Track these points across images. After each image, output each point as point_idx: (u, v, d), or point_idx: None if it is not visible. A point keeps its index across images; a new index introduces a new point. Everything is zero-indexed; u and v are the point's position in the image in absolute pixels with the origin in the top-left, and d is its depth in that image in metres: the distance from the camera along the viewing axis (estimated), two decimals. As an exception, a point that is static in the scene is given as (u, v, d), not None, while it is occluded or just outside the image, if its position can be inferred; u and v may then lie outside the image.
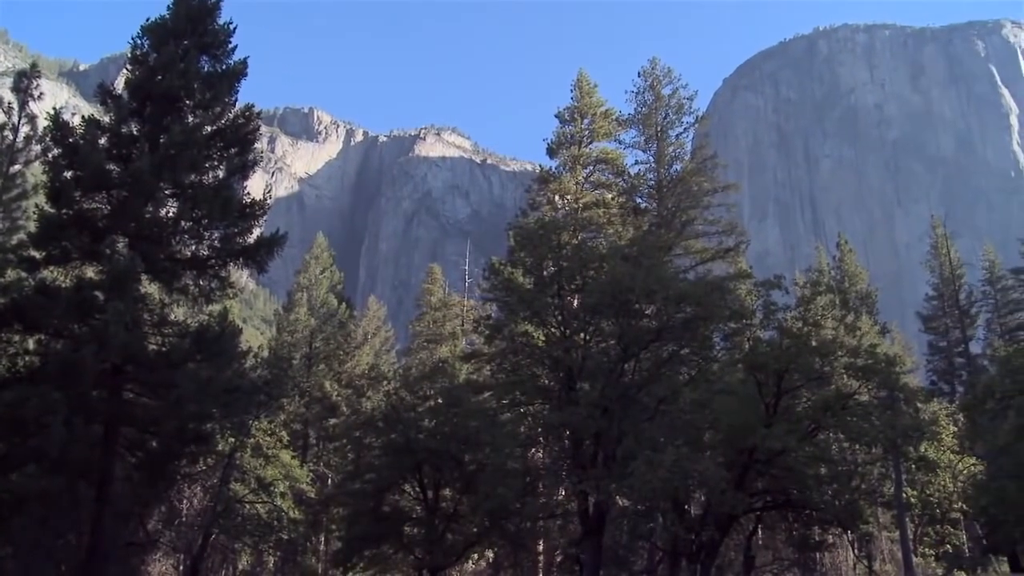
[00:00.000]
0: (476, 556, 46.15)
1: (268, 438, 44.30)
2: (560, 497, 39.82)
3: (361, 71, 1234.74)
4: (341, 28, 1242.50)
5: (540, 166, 56.60)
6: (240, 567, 48.81)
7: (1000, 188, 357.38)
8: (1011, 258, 79.79)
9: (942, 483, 48.58)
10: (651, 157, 55.00)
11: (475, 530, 38.87)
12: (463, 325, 66.08)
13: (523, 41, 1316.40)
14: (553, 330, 35.11)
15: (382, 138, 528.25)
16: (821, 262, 71.83)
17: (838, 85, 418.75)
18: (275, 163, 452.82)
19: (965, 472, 47.92)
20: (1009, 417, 30.64)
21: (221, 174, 29.65)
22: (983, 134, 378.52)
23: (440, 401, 40.76)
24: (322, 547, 53.93)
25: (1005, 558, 52.41)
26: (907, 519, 45.97)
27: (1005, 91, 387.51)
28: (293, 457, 47.15)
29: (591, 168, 53.52)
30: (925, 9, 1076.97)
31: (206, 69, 29.66)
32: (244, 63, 30.12)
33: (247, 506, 41.75)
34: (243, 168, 30.22)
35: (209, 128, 29.22)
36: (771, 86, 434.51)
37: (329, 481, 53.83)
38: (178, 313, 31.48)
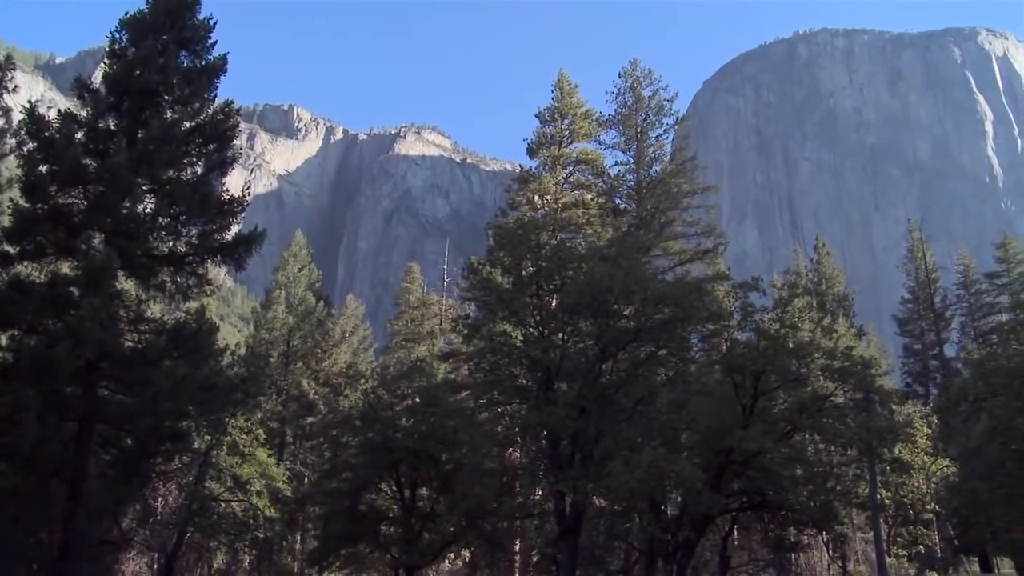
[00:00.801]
0: (453, 555, 46.12)
1: (244, 436, 44.07)
2: (537, 497, 39.84)
3: (342, 69, 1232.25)
4: (322, 25, 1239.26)
5: (520, 166, 56.75)
6: (215, 566, 48.51)
7: (975, 193, 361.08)
8: (985, 262, 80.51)
9: (916, 484, 48.99)
10: (631, 158, 55.13)
11: (452, 529, 38.83)
12: (441, 324, 66.04)
13: (505, 41, 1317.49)
14: (531, 330, 35.11)
15: (362, 136, 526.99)
16: (799, 264, 72.31)
17: (817, 89, 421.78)
18: (254, 160, 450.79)
19: (938, 473, 48.35)
20: (982, 419, 30.93)
21: (199, 170, 29.40)
22: (959, 140, 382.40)
23: (418, 400, 40.68)
24: (298, 546, 53.74)
25: (976, 558, 53.02)
26: (881, 520, 46.32)
27: (980, 97, 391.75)
28: (269, 455, 46.95)
29: (571, 168, 53.63)
30: (903, 15, 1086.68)
31: (185, 64, 29.40)
32: (224, 59, 29.89)
33: (223, 504, 41.52)
34: (222, 164, 29.99)
35: (188, 124, 28.94)
36: (751, 89, 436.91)
37: (306, 480, 53.62)
38: (155, 310, 31.20)
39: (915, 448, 48.36)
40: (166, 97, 28.65)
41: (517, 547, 46.08)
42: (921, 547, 51.15)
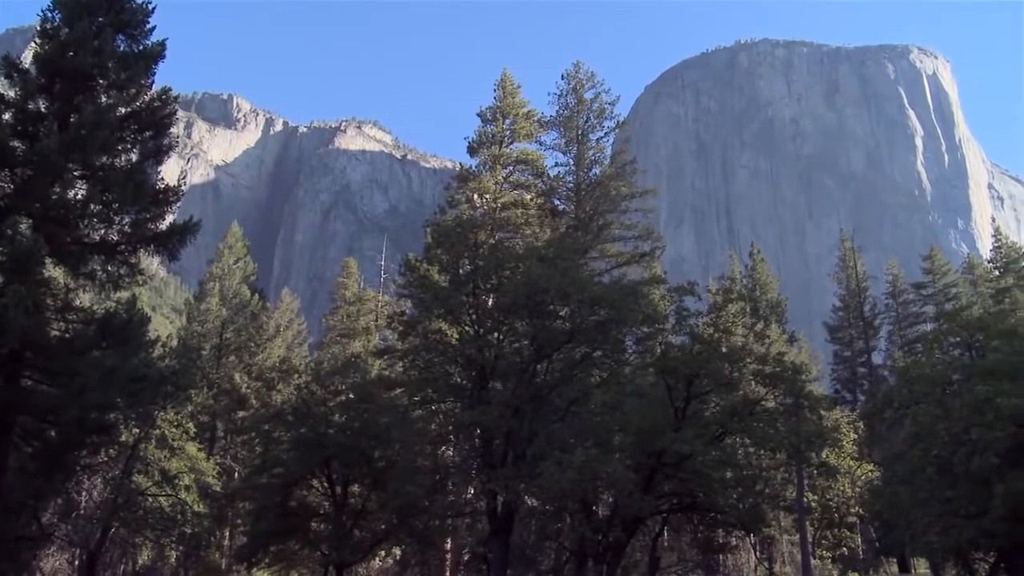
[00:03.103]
0: (383, 553, 45.88)
1: (174, 430, 43.24)
2: (469, 495, 39.80)
3: (283, 60, 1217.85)
4: (264, 15, 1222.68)
5: (460, 164, 56.53)
6: (140, 562, 47.55)
7: (904, 206, 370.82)
8: (912, 273, 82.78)
9: (841, 488, 50.02)
10: (571, 160, 55.39)
11: (383, 527, 38.68)
12: (377, 321, 65.67)
13: (448, 38, 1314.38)
14: (467, 328, 35.08)
15: (302, 129, 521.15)
16: (734, 270, 73.38)
17: (757, 98, 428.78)
18: (191, 149, 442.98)
19: (863, 478, 49.44)
20: (905, 426, 31.70)
21: (134, 157, 28.78)
22: (891, 153, 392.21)
23: (351, 396, 40.43)
24: (226, 542, 52.97)
25: (895, 559, 54.36)
26: (807, 522, 47.21)
27: (912, 113, 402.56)
28: (199, 449, 46.17)
29: (511, 168, 53.65)
30: (841, 29, 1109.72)
31: (122, 48, 28.73)
32: (162, 44, 29.27)
33: (150, 499, 40.65)
34: (157, 152, 29.41)
35: (123, 109, 28.31)
36: (692, 95, 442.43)
37: (236, 475, 52.87)
38: (84, 299, 30.52)
39: (841, 453, 49.38)
40: (101, 81, 27.97)
41: (448, 546, 46.00)
42: (844, 549, 52.34)
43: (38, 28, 27.92)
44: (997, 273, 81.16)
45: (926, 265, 76.84)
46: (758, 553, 50.22)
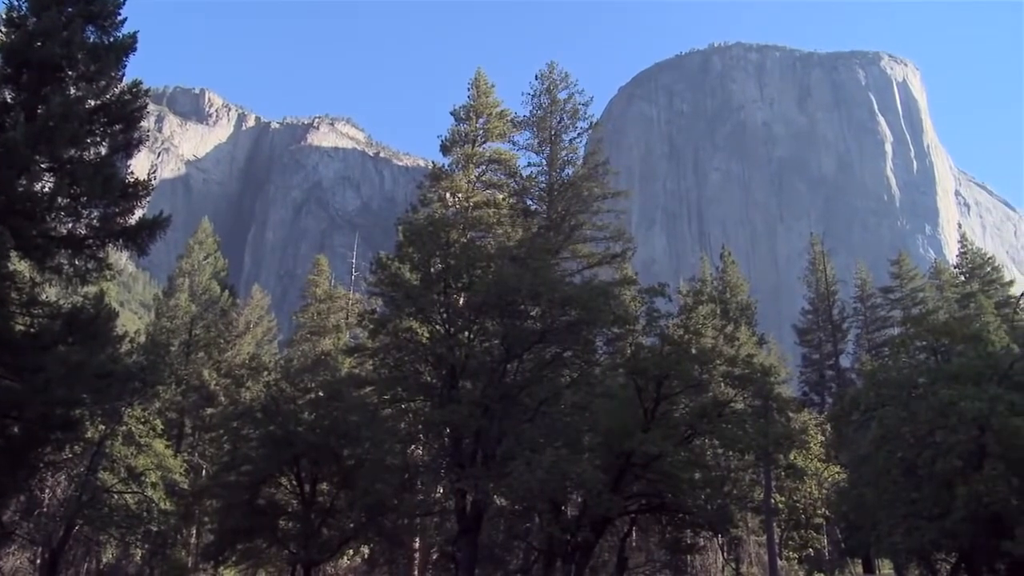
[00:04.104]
0: (352, 552, 45.70)
1: (141, 426, 42.80)
2: (438, 495, 39.76)
3: (256, 55, 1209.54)
4: (238, 9, 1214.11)
5: (433, 163, 56.48)
6: (104, 560, 46.99)
7: (874, 210, 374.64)
8: (881, 277, 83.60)
9: (808, 490, 50.46)
10: (544, 160, 55.54)
11: (351, 526, 38.48)
12: (348, 318, 65.42)
13: (423, 37, 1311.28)
14: (438, 327, 35.02)
15: (274, 124, 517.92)
16: (705, 272, 73.79)
17: (729, 101, 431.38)
18: (162, 143, 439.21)
19: (830, 480, 49.89)
20: (872, 428, 31.97)
21: (103, 151, 28.39)
22: (861, 158, 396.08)
23: (321, 394, 40.22)
24: (193, 540, 52.56)
25: (860, 560, 54.91)
26: (774, 524, 47.56)
27: (882, 119, 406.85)
28: (167, 446, 45.77)
29: (484, 167, 53.67)
30: (813, 34, 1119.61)
31: (92, 40, 28.35)
32: (134, 37, 28.92)
33: (115, 496, 40.20)
34: (127, 146, 29.03)
35: (93, 102, 27.95)
36: (665, 97, 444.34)
37: (204, 472, 52.46)
38: (50, 293, 30.19)
39: (809, 455, 49.80)
40: (70, 73, 27.58)
41: (417, 545, 45.95)
42: (811, 550, 52.79)
43: (3, 16, 27.48)
44: (963, 279, 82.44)
45: (894, 270, 77.74)
46: (725, 554, 50.49)
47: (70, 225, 28.12)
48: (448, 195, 52.05)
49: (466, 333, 34.78)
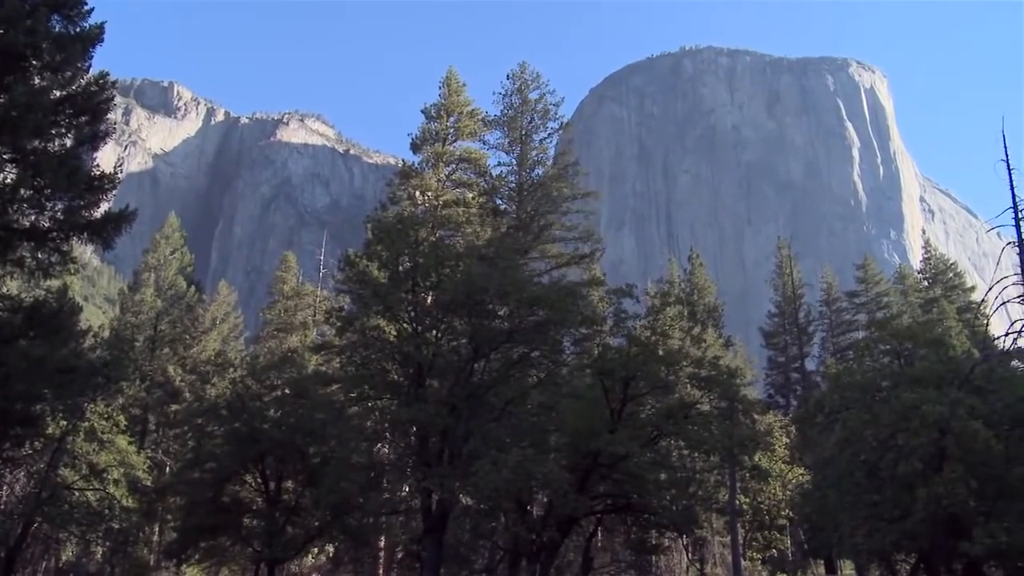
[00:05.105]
0: (316, 550, 45.45)
1: (104, 422, 42.22)
2: (404, 493, 39.59)
3: (226, 49, 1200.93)
4: (208, 2, 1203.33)
5: (403, 160, 56.35)
6: (64, 558, 46.36)
7: (840, 215, 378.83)
8: (846, 281, 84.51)
9: (772, 491, 50.84)
10: (514, 160, 55.49)
11: (316, 524, 38.28)
12: (315, 315, 65.14)
13: (395, 35, 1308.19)
14: (405, 326, 34.87)
15: (244, 119, 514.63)
16: (673, 274, 74.14)
17: (700, 104, 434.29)
18: (129, 136, 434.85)
19: (793, 481, 50.31)
20: (836, 431, 32.29)
21: (68, 143, 28.03)
22: (828, 163, 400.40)
23: (287, 391, 39.95)
24: (156, 538, 52.07)
25: (823, 561, 55.46)
26: (738, 524, 47.88)
27: (849, 125, 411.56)
28: (130, 443, 45.24)
29: (454, 166, 53.54)
30: (782, 39, 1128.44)
31: (57, 29, 27.93)
32: (101, 28, 28.52)
33: (76, 493, 39.64)
34: (93, 138, 28.65)
35: (58, 93, 27.57)
36: (636, 99, 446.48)
37: (167, 469, 52.00)
38: (11, 286, 29.74)
39: (774, 456, 50.19)
40: (34, 62, 27.15)
41: (382, 543, 45.77)
42: (774, 551, 53.21)
43: (-36, 4, 27.06)
44: (926, 284, 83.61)
45: (859, 274, 78.62)
46: (690, 554, 50.78)
47: (33, 217, 27.72)
48: (418, 193, 51.89)
49: (434, 332, 34.67)
